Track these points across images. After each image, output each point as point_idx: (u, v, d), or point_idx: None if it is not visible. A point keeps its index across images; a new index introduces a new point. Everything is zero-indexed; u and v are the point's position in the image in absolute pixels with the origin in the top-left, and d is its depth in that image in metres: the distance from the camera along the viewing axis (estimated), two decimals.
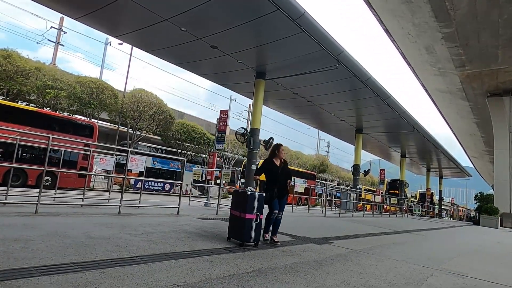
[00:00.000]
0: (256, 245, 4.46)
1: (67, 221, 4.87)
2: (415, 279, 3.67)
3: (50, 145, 5.52)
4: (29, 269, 2.42)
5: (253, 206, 4.36)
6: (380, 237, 7.75)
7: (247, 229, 4.33)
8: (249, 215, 4.34)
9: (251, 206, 4.36)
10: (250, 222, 4.35)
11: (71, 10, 10.38)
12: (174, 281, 2.55)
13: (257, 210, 4.38)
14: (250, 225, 4.35)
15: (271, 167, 5.10)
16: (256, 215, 4.37)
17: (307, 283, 2.99)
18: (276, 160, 5.16)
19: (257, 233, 4.42)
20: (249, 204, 4.35)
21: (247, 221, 4.32)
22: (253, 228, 4.36)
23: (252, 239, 4.38)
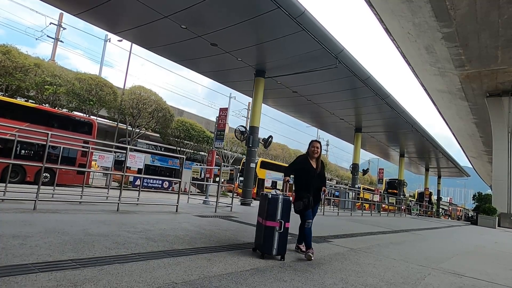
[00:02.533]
0: (283, 258, 3.76)
1: (65, 218, 4.86)
2: (413, 278, 3.69)
3: (49, 141, 5.50)
4: (27, 266, 2.42)
5: (275, 212, 3.71)
6: (378, 236, 7.77)
7: (267, 238, 3.68)
8: (270, 222, 3.68)
9: (273, 211, 3.71)
10: (271, 231, 3.68)
11: (71, 6, 10.35)
12: (172, 279, 2.55)
13: (281, 217, 3.71)
14: (271, 235, 3.68)
15: (307, 168, 4.27)
16: (280, 223, 3.68)
17: (305, 282, 3.00)
18: (312, 161, 4.33)
19: (282, 244, 3.70)
20: (270, 209, 3.71)
21: (267, 229, 3.68)
22: (275, 238, 3.68)
23: (275, 251, 3.68)
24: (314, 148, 4.31)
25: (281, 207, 3.74)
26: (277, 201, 3.75)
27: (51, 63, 21.70)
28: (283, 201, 3.77)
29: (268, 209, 3.73)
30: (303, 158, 4.36)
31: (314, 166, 4.29)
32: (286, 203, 3.79)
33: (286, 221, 3.78)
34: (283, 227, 3.72)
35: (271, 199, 3.74)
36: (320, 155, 4.37)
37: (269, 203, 3.74)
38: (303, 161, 4.32)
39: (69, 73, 19.93)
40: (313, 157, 4.33)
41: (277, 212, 3.72)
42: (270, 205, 3.74)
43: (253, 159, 13.05)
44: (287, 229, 3.81)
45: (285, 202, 3.80)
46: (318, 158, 4.35)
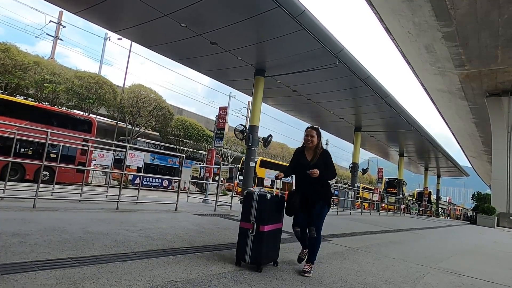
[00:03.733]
0: (259, 269, 3.09)
1: (65, 216, 4.86)
2: (412, 277, 3.69)
3: (48, 139, 5.50)
4: (27, 264, 2.42)
5: (249, 211, 3.16)
6: (378, 236, 7.78)
7: (240, 242, 3.18)
8: (244, 222, 3.19)
9: (247, 210, 3.18)
10: (243, 234, 3.16)
11: (71, 4, 10.31)
12: (171, 277, 2.55)
13: (256, 217, 3.11)
14: (244, 238, 3.14)
15: (300, 161, 3.56)
16: (253, 225, 3.10)
17: (304, 280, 3.00)
18: (308, 152, 3.56)
19: (257, 251, 3.08)
20: (244, 208, 3.22)
21: (240, 231, 3.21)
22: (248, 242, 3.10)
23: (248, 258, 3.09)
24: (308, 137, 3.51)
25: (256, 206, 3.13)
26: (252, 198, 3.17)
27: (50, 61, 21.68)
28: (259, 199, 3.14)
29: (242, 207, 3.25)
30: (298, 151, 3.67)
31: (308, 158, 3.49)
32: (265, 201, 3.13)
33: (265, 223, 3.10)
34: (255, 230, 3.08)
35: (246, 196, 3.25)
36: (318, 145, 3.52)
37: (244, 200, 3.28)
38: (298, 154, 3.64)
39: (68, 71, 19.90)
40: (308, 147, 3.55)
41: (251, 211, 3.14)
42: (244, 203, 3.25)
43: (253, 158, 13.05)
44: (266, 234, 3.11)
45: (262, 199, 3.15)
46: (316, 148, 3.51)
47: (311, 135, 3.50)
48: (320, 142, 3.56)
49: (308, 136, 3.52)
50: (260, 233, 3.08)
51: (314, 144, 3.50)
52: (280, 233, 3.45)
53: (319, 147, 3.53)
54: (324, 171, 3.35)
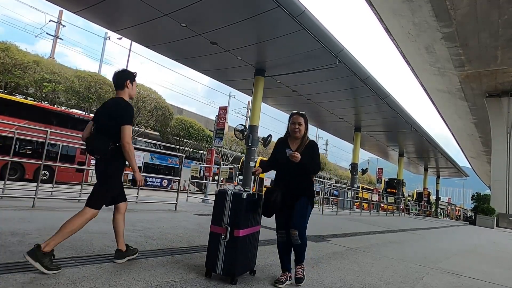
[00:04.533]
0: (233, 281, 2.59)
1: (64, 215, 4.84)
2: (411, 277, 3.69)
3: (48, 139, 5.50)
4: (26, 263, 2.42)
5: (221, 213, 2.66)
6: (377, 236, 7.78)
7: (210, 249, 2.68)
8: (215, 226, 2.68)
9: (219, 212, 2.68)
10: (215, 239, 2.65)
11: (71, 4, 10.31)
12: (171, 277, 2.55)
13: (230, 220, 2.61)
14: (215, 244, 2.63)
15: (283, 152, 2.94)
16: (225, 229, 2.60)
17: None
18: (293, 143, 3.02)
19: (231, 260, 2.57)
20: (216, 208, 2.73)
21: (210, 236, 2.70)
22: (220, 250, 2.60)
23: (220, 268, 2.59)
24: (295, 125, 2.95)
25: (229, 207, 2.64)
26: (224, 197, 2.68)
27: (50, 60, 21.66)
28: (233, 198, 2.66)
29: (214, 209, 2.74)
30: (281, 141, 3.09)
31: (292, 150, 2.90)
32: (240, 202, 2.64)
33: (241, 227, 2.61)
34: (228, 235, 2.58)
35: (217, 195, 2.75)
36: (305, 134, 3.00)
37: (215, 199, 2.77)
38: (280, 145, 3.05)
39: (68, 70, 19.90)
40: (295, 137, 2.99)
41: (224, 213, 2.65)
42: (216, 203, 2.74)
43: (253, 158, 13.05)
44: (242, 239, 2.62)
45: (237, 199, 2.65)
46: (303, 138, 2.99)
47: (298, 123, 2.95)
48: (307, 131, 3.04)
49: (295, 124, 2.95)
50: (235, 238, 2.58)
51: (301, 133, 2.96)
52: (257, 237, 2.98)
53: (305, 136, 3.01)
54: (309, 160, 2.85)
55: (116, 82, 2.88)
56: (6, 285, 1.98)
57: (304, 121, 2.98)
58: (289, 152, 2.78)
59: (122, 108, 2.77)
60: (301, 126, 2.96)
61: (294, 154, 2.73)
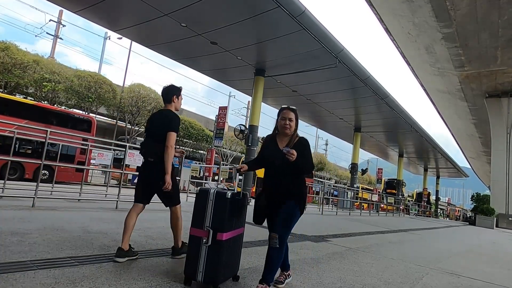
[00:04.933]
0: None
1: (64, 215, 4.86)
2: (411, 278, 3.69)
3: (48, 138, 5.49)
4: (26, 263, 2.42)
5: (202, 214, 2.43)
6: (377, 236, 7.78)
7: (190, 254, 2.42)
8: (195, 229, 2.45)
9: (200, 213, 2.45)
10: (195, 243, 2.41)
11: (71, 3, 10.32)
12: (171, 277, 2.55)
13: (213, 223, 2.38)
14: (196, 249, 2.39)
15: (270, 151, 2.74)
16: (207, 232, 2.36)
17: (303, 281, 3.00)
18: (282, 140, 2.72)
19: (213, 267, 2.34)
20: (196, 209, 2.51)
21: (190, 239, 2.46)
22: (201, 255, 2.36)
23: (200, 276, 2.34)
24: (285, 120, 2.68)
25: (212, 207, 2.42)
26: (206, 197, 2.45)
27: (50, 60, 21.65)
28: (216, 198, 2.43)
29: (194, 209, 2.51)
30: (269, 139, 2.84)
31: (281, 148, 2.61)
32: (224, 202, 2.41)
33: (225, 229, 2.37)
34: (211, 239, 2.34)
35: (199, 194, 2.51)
36: (295, 131, 2.73)
37: (196, 199, 2.53)
38: (268, 143, 2.81)
39: (68, 70, 19.89)
40: (284, 133, 2.72)
41: (206, 215, 2.41)
42: (197, 203, 2.51)
43: (252, 158, 13.06)
44: (226, 244, 2.38)
45: (222, 199, 2.42)
46: (292, 135, 2.71)
47: (289, 118, 2.68)
48: (297, 128, 2.76)
49: (285, 119, 2.68)
50: (218, 243, 2.34)
51: (291, 130, 2.68)
52: (241, 240, 2.75)
53: (295, 133, 2.73)
54: (300, 159, 2.50)
55: (165, 97, 3.28)
56: (6, 284, 1.98)
57: (295, 117, 2.71)
58: (286, 150, 2.43)
59: (170, 118, 3.17)
60: (291, 122, 2.68)
61: (292, 152, 2.41)
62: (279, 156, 2.53)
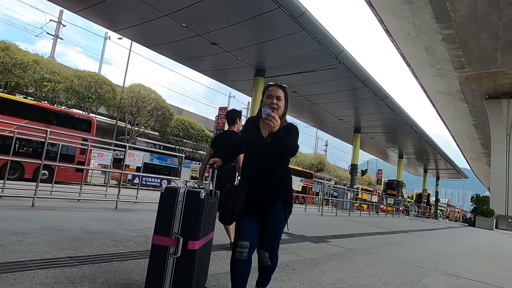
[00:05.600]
0: None
1: (64, 215, 4.86)
2: (410, 279, 3.69)
3: (47, 138, 5.50)
4: (25, 263, 2.42)
5: (169, 219, 1.99)
6: (376, 237, 7.78)
7: (153, 267, 1.97)
8: (159, 237, 1.99)
9: (166, 217, 2.01)
10: (159, 254, 1.96)
11: (71, 4, 10.33)
12: None
13: (183, 229, 1.96)
14: (160, 261, 1.95)
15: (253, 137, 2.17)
16: (176, 241, 1.94)
17: (303, 281, 3.00)
18: (264, 124, 2.00)
19: (183, 282, 1.93)
20: (161, 213, 2.05)
21: (153, 249, 1.99)
22: (167, 268, 1.93)
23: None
24: (272, 99, 2.08)
25: (182, 210, 1.98)
26: (174, 197, 2.02)
27: (50, 60, 21.66)
28: (187, 199, 2.00)
29: (158, 212, 2.05)
30: (250, 123, 2.23)
31: (263, 134, 2.08)
32: (197, 203, 2.00)
33: (198, 236, 1.97)
34: (180, 249, 1.91)
35: (164, 194, 2.06)
36: (284, 114, 2.14)
37: (161, 200, 2.07)
38: (249, 128, 2.22)
39: (68, 70, 19.91)
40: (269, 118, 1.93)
41: (174, 219, 1.98)
42: (162, 205, 2.06)
43: None
44: (199, 254, 1.99)
45: (195, 200, 2.00)
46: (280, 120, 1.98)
47: (276, 96, 2.09)
48: (286, 111, 2.18)
49: (271, 97, 2.08)
50: (190, 253, 1.93)
51: (280, 111, 2.08)
52: (211, 246, 2.43)
53: (284, 118, 2.13)
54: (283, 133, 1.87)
55: (230, 120, 4.02)
56: (5, 284, 1.98)
57: (284, 96, 2.13)
58: (267, 111, 1.82)
59: (235, 138, 3.76)
60: (280, 101, 2.09)
61: (273, 116, 1.79)
62: (262, 146, 2.02)
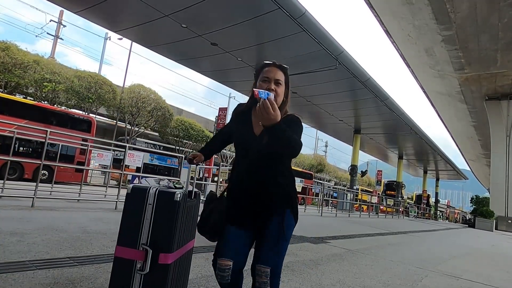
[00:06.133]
0: None
1: (63, 215, 4.85)
2: (410, 280, 3.69)
3: (47, 139, 5.49)
4: (25, 263, 2.41)
5: (135, 226, 1.57)
6: (376, 238, 7.78)
7: (114, 286, 1.61)
8: (123, 248, 1.58)
9: (131, 224, 1.58)
10: (122, 269, 1.58)
11: (71, 4, 10.33)
12: None
13: (152, 240, 1.55)
14: (124, 277, 1.56)
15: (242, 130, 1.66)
16: (144, 254, 1.52)
17: (302, 282, 3.00)
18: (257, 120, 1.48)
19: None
20: (126, 219, 1.61)
21: (115, 263, 1.60)
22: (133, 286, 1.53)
23: None
24: (269, 83, 1.58)
25: (151, 215, 1.57)
26: (143, 200, 1.59)
27: (50, 60, 21.66)
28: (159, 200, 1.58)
29: (123, 219, 1.61)
30: (240, 112, 1.75)
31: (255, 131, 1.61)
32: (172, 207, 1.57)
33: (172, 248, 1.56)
34: (148, 264, 1.51)
35: (131, 195, 1.62)
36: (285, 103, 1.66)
37: (126, 203, 1.63)
38: (240, 118, 1.73)
39: (68, 70, 19.91)
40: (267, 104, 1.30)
41: (142, 226, 1.57)
42: (127, 208, 1.62)
43: None
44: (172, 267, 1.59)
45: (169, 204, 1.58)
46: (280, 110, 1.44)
47: (275, 80, 1.58)
48: (288, 99, 1.66)
49: (269, 81, 1.57)
50: (161, 268, 1.53)
51: (279, 100, 1.58)
52: (191, 256, 2.03)
53: (285, 108, 1.63)
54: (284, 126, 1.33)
55: None
56: (5, 284, 1.98)
57: (284, 80, 1.62)
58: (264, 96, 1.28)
59: None
60: (279, 87, 1.56)
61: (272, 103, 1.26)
62: (255, 145, 1.54)
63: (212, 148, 1.93)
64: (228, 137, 1.90)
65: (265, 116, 1.26)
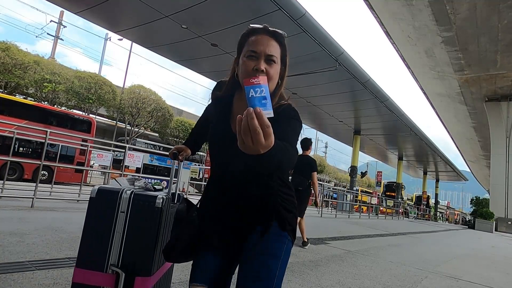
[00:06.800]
0: None
1: (63, 216, 4.85)
2: (410, 281, 3.69)
3: (47, 139, 5.50)
4: (24, 263, 2.41)
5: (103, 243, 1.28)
6: (376, 239, 7.78)
7: None
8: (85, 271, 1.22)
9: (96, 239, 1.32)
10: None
11: (72, 4, 10.33)
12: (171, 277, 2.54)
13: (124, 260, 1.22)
14: None
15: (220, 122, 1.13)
16: (115, 277, 1.18)
17: (302, 283, 3.00)
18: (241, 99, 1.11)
19: None
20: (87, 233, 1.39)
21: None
22: None
23: None
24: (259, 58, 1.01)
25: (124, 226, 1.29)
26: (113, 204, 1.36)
27: (50, 60, 21.68)
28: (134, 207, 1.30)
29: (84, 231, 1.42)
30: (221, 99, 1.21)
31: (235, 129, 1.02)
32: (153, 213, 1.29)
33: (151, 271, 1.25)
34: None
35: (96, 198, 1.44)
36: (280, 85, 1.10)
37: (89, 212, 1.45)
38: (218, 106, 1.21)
39: (68, 71, 19.93)
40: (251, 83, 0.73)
41: (112, 241, 1.29)
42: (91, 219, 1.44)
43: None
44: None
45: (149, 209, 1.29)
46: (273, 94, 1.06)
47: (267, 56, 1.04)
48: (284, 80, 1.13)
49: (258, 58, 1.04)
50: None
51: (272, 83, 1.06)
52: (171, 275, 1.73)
53: (279, 91, 1.12)
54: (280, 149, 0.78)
55: (305, 146, 5.03)
56: (4, 285, 1.98)
57: (280, 53, 1.10)
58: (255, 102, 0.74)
59: (312, 161, 5.04)
60: (271, 65, 1.05)
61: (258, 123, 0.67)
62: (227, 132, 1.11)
63: (196, 139, 1.55)
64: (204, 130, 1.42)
65: (249, 146, 0.70)
